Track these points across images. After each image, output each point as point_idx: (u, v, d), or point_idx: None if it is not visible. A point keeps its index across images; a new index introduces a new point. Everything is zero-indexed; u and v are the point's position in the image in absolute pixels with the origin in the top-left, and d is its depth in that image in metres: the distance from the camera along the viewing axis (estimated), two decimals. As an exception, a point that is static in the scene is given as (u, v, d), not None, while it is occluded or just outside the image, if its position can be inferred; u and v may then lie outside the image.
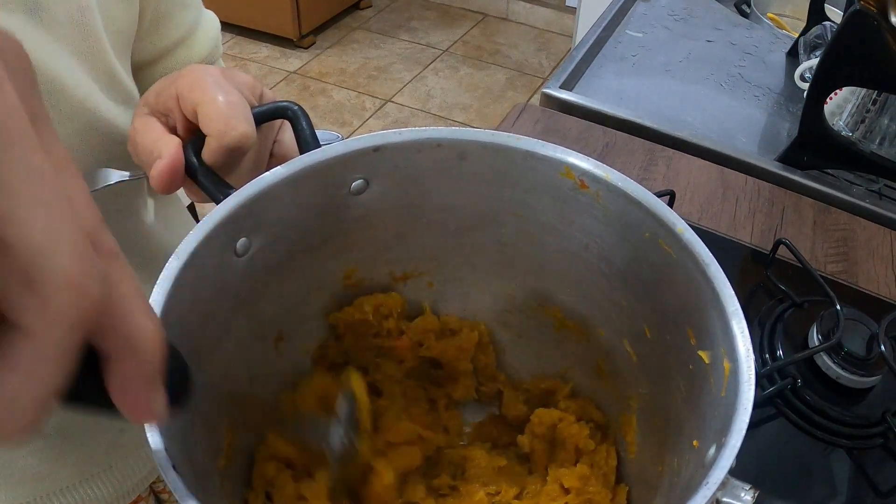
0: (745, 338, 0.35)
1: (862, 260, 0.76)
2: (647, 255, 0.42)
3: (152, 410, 0.22)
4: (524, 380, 0.54)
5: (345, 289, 0.50)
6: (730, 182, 0.84)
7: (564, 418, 0.49)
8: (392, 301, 0.50)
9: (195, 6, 0.61)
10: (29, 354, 0.18)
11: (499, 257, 0.50)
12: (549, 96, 0.95)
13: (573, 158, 0.43)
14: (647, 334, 0.44)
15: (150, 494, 0.71)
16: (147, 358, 0.22)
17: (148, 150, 0.42)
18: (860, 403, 0.61)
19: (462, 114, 2.68)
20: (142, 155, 0.43)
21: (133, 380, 0.21)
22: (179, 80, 0.42)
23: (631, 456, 0.48)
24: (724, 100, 0.99)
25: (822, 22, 1.02)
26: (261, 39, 2.97)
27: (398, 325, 0.51)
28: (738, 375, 0.34)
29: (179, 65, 0.60)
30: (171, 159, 0.41)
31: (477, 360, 0.53)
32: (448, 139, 0.43)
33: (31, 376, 0.18)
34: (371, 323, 0.50)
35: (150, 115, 0.44)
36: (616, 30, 1.11)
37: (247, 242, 0.40)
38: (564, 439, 0.49)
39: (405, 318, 0.52)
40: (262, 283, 0.43)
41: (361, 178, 0.44)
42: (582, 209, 0.44)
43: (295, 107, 0.44)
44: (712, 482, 0.30)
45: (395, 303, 0.50)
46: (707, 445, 0.34)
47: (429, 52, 3.03)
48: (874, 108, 0.84)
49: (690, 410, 0.39)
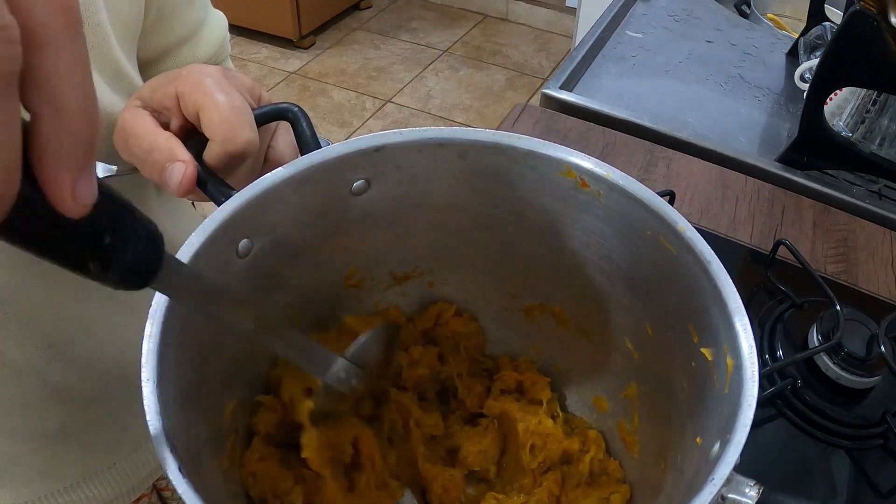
0: (748, 334, 0.35)
1: (862, 260, 0.76)
2: (648, 254, 0.42)
3: (79, 193, 0.21)
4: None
5: (346, 289, 0.50)
6: (730, 182, 0.84)
7: (552, 434, 0.49)
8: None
9: (202, 5, 0.60)
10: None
11: (500, 257, 0.50)
12: (549, 97, 0.95)
13: (574, 157, 0.43)
14: (648, 332, 0.44)
15: (154, 491, 0.71)
16: (74, 123, 0.20)
17: (146, 146, 0.41)
18: (860, 404, 0.61)
19: (462, 114, 2.68)
20: (135, 150, 0.42)
21: (58, 145, 0.20)
22: (180, 80, 0.42)
23: (633, 455, 0.48)
24: (724, 100, 0.99)
25: (822, 22, 1.02)
26: (261, 40, 2.97)
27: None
28: (741, 372, 0.34)
29: (184, 63, 0.59)
30: (194, 164, 0.40)
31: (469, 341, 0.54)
32: (449, 139, 0.43)
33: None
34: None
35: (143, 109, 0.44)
36: (616, 30, 1.11)
37: (249, 244, 0.40)
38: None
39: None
40: (264, 284, 0.43)
41: (363, 178, 0.44)
42: (583, 208, 0.44)
43: (295, 108, 0.44)
44: (718, 478, 0.30)
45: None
46: (711, 442, 0.34)
47: (429, 52, 3.03)
48: (874, 108, 0.84)
49: (693, 408, 0.40)
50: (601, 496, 0.48)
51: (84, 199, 0.21)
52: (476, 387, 0.53)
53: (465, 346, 0.54)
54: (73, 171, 0.21)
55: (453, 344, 0.54)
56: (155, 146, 0.41)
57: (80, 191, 0.21)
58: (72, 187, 0.21)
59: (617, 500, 0.47)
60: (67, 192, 0.21)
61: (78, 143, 0.21)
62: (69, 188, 0.21)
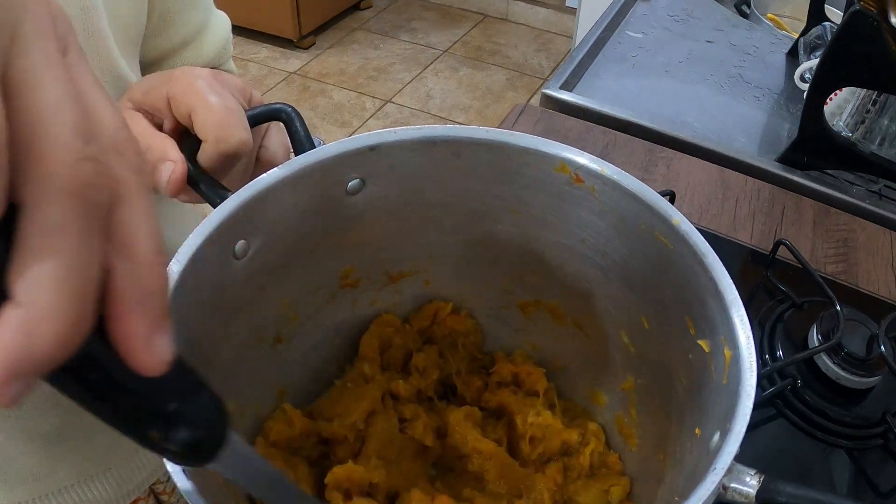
0: (745, 325, 0.35)
1: (862, 260, 0.76)
2: (643, 248, 0.42)
3: (155, 348, 0.20)
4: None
5: (341, 289, 0.50)
6: (730, 182, 0.84)
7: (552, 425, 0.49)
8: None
9: (205, 6, 0.60)
10: (38, 231, 0.17)
11: (494, 254, 0.50)
12: (549, 97, 0.94)
13: (568, 153, 0.43)
14: (645, 326, 0.45)
15: (150, 495, 0.71)
16: (148, 273, 0.20)
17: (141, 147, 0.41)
18: (860, 404, 0.60)
19: (462, 114, 2.68)
20: None
21: (133, 294, 0.19)
22: (171, 82, 0.42)
23: (632, 448, 0.48)
24: (724, 100, 0.99)
25: (822, 22, 1.02)
26: (261, 40, 2.97)
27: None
28: (739, 363, 0.34)
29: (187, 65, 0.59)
30: (184, 163, 0.40)
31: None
32: (443, 137, 0.43)
33: (46, 258, 0.17)
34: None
35: (135, 110, 0.44)
36: (616, 30, 1.11)
37: (245, 245, 0.40)
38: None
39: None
40: (261, 285, 0.43)
41: (357, 177, 0.44)
42: (578, 204, 0.44)
43: (288, 108, 0.44)
44: (720, 467, 0.30)
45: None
46: (710, 433, 0.34)
47: (429, 52, 3.03)
48: (874, 108, 0.84)
49: (691, 399, 0.40)
50: (601, 488, 0.48)
51: (160, 354, 0.20)
52: (474, 382, 0.53)
53: (463, 343, 0.54)
54: (150, 323, 0.20)
55: (451, 342, 0.54)
56: (149, 147, 0.41)
57: (156, 345, 0.20)
58: (148, 341, 0.20)
59: (617, 493, 0.47)
60: (143, 344, 0.20)
61: (153, 293, 0.20)
62: (145, 341, 0.20)
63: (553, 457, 0.49)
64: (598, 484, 0.48)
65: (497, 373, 0.53)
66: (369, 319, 0.53)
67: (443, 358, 0.54)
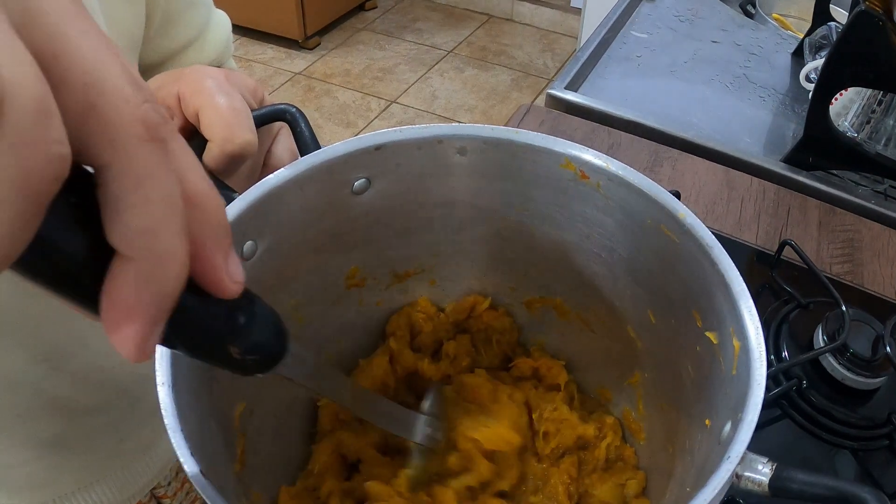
0: (753, 315, 0.35)
1: (867, 261, 0.76)
2: (649, 243, 0.42)
3: (234, 275, 0.22)
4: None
5: (347, 289, 0.50)
6: (735, 183, 0.84)
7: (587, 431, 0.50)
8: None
9: (205, 5, 0.60)
10: (130, 186, 0.18)
11: (500, 251, 0.50)
12: (554, 97, 0.95)
13: (573, 150, 0.43)
14: (651, 320, 0.45)
15: (152, 499, 0.71)
16: (215, 212, 0.21)
17: None
18: (866, 405, 0.60)
19: (467, 115, 2.68)
20: None
21: (207, 232, 0.21)
22: (182, 80, 0.42)
23: (640, 442, 0.48)
24: (730, 101, 0.99)
25: (828, 22, 1.02)
26: (266, 41, 2.98)
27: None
28: (748, 353, 0.34)
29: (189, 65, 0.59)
30: None
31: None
32: (448, 135, 0.43)
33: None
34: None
35: None
36: (621, 31, 1.11)
37: (253, 246, 0.40)
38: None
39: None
40: (268, 286, 0.43)
41: (363, 177, 0.44)
42: (583, 200, 0.44)
43: (293, 109, 0.44)
44: (734, 456, 0.31)
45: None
46: (721, 424, 0.35)
47: (434, 53, 3.03)
48: (879, 108, 0.84)
49: (699, 391, 0.40)
50: (617, 482, 0.48)
51: (236, 276, 0.23)
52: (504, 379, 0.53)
53: (497, 340, 0.54)
54: (224, 253, 0.22)
55: (485, 337, 0.54)
56: None
57: (232, 269, 0.22)
58: (227, 269, 0.22)
59: (633, 487, 0.47)
60: (224, 272, 0.22)
61: (221, 226, 0.22)
62: (224, 269, 0.22)
63: (568, 451, 0.49)
64: (614, 478, 0.48)
65: (517, 367, 0.53)
66: (375, 319, 0.53)
67: (476, 350, 0.54)
